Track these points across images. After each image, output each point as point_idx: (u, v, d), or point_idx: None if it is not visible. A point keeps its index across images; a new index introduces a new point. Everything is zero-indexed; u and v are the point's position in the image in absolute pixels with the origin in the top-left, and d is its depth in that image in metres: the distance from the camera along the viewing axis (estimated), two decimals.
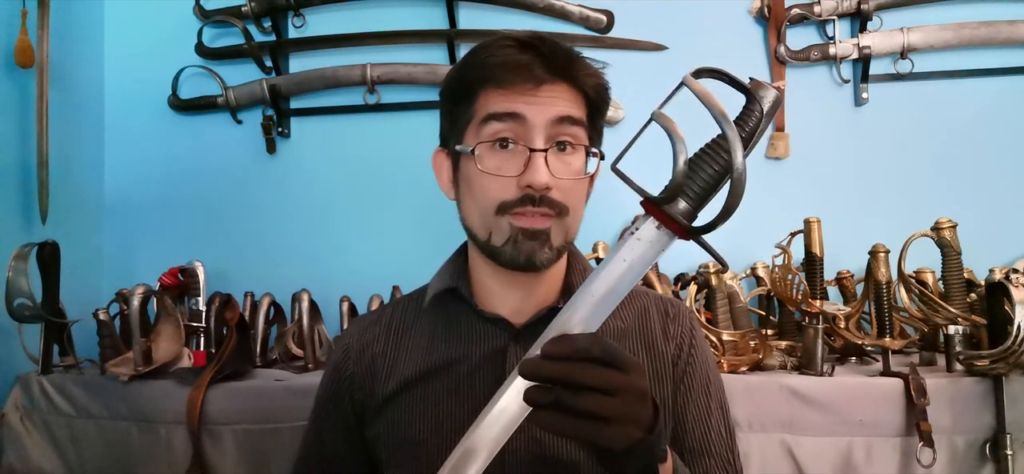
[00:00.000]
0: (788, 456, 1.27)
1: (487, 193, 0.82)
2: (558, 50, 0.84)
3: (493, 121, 0.82)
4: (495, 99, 0.82)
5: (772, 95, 0.70)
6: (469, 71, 0.86)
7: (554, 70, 0.82)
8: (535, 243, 0.82)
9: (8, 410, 1.52)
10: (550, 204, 0.82)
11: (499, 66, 0.82)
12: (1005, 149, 1.78)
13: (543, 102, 0.82)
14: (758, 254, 1.67)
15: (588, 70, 0.86)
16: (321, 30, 1.98)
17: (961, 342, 1.32)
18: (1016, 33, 1.75)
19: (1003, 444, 1.21)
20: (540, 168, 0.80)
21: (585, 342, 0.64)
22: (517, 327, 0.89)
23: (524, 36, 0.84)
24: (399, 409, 0.90)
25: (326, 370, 1.01)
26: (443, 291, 0.92)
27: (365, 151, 1.97)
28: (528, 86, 0.81)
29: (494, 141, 0.82)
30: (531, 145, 0.81)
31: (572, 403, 0.63)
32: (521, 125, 0.81)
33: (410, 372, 0.91)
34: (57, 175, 1.76)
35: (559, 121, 0.82)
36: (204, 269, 1.59)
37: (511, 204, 0.81)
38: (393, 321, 0.97)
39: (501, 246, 0.83)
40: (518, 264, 0.83)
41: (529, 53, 0.82)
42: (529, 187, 0.80)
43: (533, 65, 0.81)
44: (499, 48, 0.84)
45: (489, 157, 0.82)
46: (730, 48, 1.87)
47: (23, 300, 1.49)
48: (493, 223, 0.83)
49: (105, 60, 2.04)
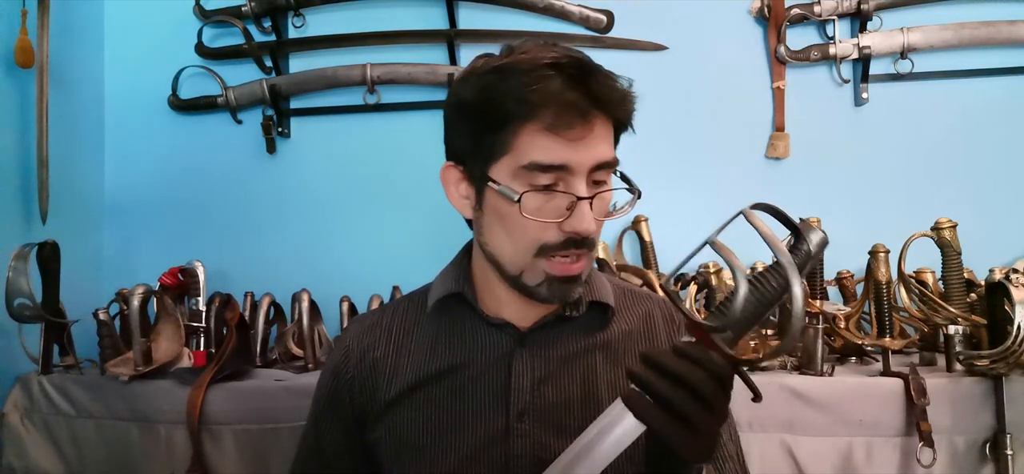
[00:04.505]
0: (788, 456, 1.27)
1: (527, 235, 0.80)
2: (604, 86, 0.79)
3: (537, 170, 0.77)
4: (540, 144, 0.77)
5: (819, 237, 0.71)
6: (507, 100, 0.78)
7: (600, 106, 0.78)
8: (571, 286, 0.83)
9: (8, 410, 1.52)
10: (589, 245, 0.81)
11: (544, 105, 0.76)
12: (1005, 149, 1.78)
13: (587, 146, 0.78)
14: (758, 254, 1.67)
15: (626, 100, 0.82)
16: (321, 30, 1.98)
17: (961, 342, 1.32)
18: (1016, 33, 1.75)
19: (1003, 444, 1.21)
20: (587, 217, 0.78)
21: (715, 358, 0.67)
22: (523, 331, 0.89)
23: (569, 64, 0.78)
24: (401, 413, 0.89)
25: (325, 372, 1.00)
26: (447, 296, 0.91)
27: (365, 151, 1.97)
28: (574, 130, 0.76)
29: (539, 187, 0.78)
30: (576, 191, 0.78)
31: (682, 406, 0.65)
32: (566, 172, 0.78)
33: (413, 377, 0.90)
34: (57, 175, 1.76)
35: (598, 167, 0.80)
36: (204, 269, 1.59)
37: (553, 247, 0.80)
38: (394, 324, 0.95)
39: (534, 287, 0.83)
40: (552, 302, 0.85)
41: (578, 90, 0.77)
42: (575, 234, 0.79)
43: (581, 103, 0.77)
44: (543, 77, 0.76)
45: (532, 200, 0.78)
46: (730, 48, 1.87)
47: (23, 300, 1.49)
48: (528, 264, 0.82)
49: (105, 60, 2.04)
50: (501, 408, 0.86)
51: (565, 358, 0.89)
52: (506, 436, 0.85)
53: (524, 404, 0.86)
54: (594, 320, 0.92)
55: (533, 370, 0.88)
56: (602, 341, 0.91)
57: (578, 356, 0.90)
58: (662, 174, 1.85)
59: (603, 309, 0.92)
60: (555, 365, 0.89)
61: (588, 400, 0.88)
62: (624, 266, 1.71)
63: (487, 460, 0.85)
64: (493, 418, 0.86)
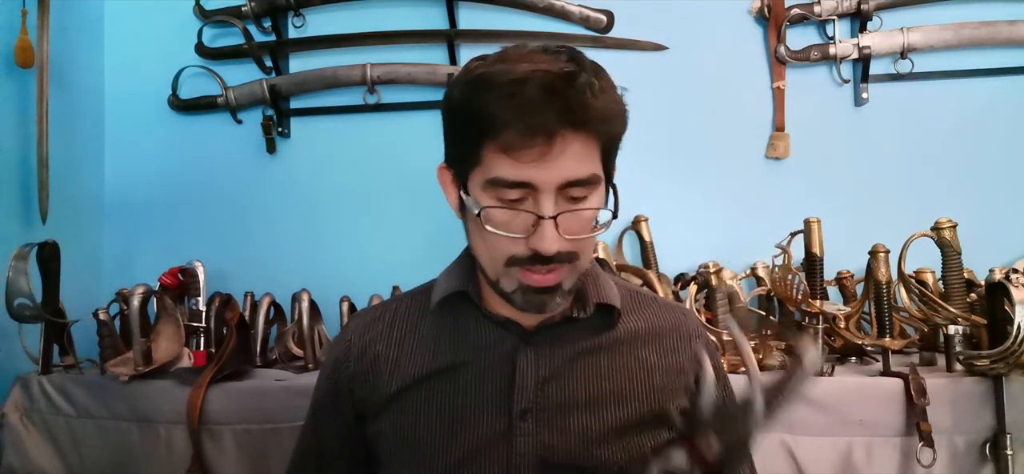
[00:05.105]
0: (788, 456, 1.27)
1: (496, 249, 0.80)
2: (579, 102, 0.74)
3: (504, 187, 0.76)
4: (502, 161, 0.76)
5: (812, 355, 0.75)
6: (474, 115, 0.77)
7: (571, 123, 0.74)
8: (545, 296, 0.82)
9: (8, 410, 1.52)
10: (560, 259, 0.79)
11: (506, 125, 0.74)
12: (1005, 149, 1.78)
13: (552, 165, 0.75)
14: (758, 254, 1.67)
15: (605, 115, 0.77)
16: (321, 30, 1.98)
17: (961, 342, 1.32)
18: (1016, 33, 1.75)
19: (1003, 444, 1.21)
20: (548, 236, 0.76)
21: None
22: (528, 330, 0.89)
23: (542, 78, 0.74)
24: (403, 409, 0.89)
25: (325, 365, 1.00)
26: (451, 293, 0.91)
27: (365, 151, 1.97)
28: (537, 146, 0.74)
29: (501, 201, 0.78)
30: (540, 211, 0.76)
31: None
32: (530, 188, 0.76)
33: (415, 372, 0.90)
34: (57, 175, 1.76)
35: (568, 185, 0.77)
36: (204, 269, 1.59)
37: (520, 260, 0.79)
38: (396, 319, 0.95)
39: (510, 293, 0.82)
40: (527, 311, 0.84)
41: (544, 108, 0.73)
42: (537, 252, 0.78)
43: (546, 122, 0.73)
44: (510, 95, 0.74)
45: (497, 215, 0.78)
46: (730, 48, 1.87)
47: (23, 300, 1.49)
48: (502, 272, 0.81)
49: (105, 60, 2.04)
50: (504, 407, 0.86)
51: (570, 359, 0.89)
52: (509, 435, 0.85)
53: (527, 403, 0.86)
54: (600, 322, 0.91)
55: (537, 369, 0.88)
56: (607, 343, 0.91)
57: (583, 357, 0.90)
58: (662, 174, 1.85)
59: (609, 311, 0.91)
60: (560, 365, 0.89)
61: (592, 402, 0.88)
62: (624, 266, 1.71)
63: (489, 458, 0.85)
64: (496, 416, 0.86)
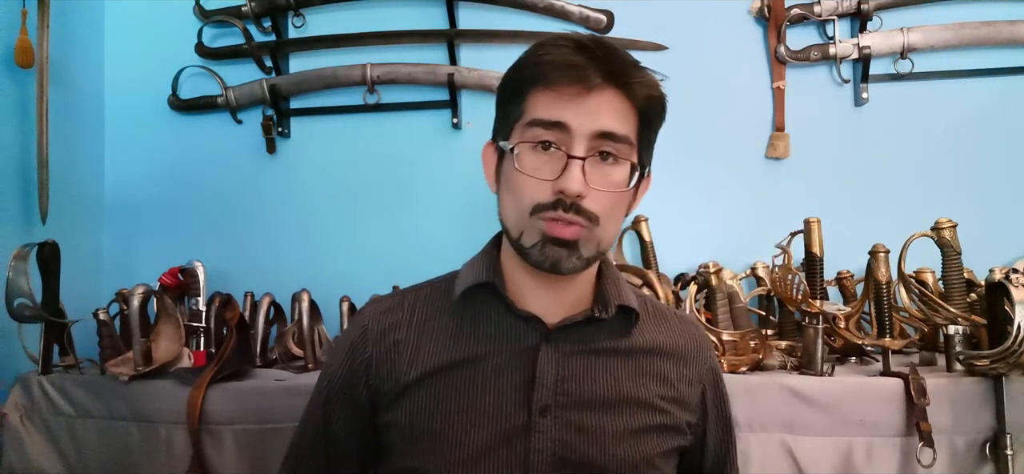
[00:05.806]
0: (788, 456, 1.27)
1: (524, 193, 0.83)
2: (615, 55, 0.83)
3: (537, 126, 0.83)
4: (543, 102, 0.83)
5: None
6: (522, 68, 0.86)
7: (607, 75, 0.82)
8: (563, 251, 0.83)
9: (8, 410, 1.52)
10: (582, 213, 0.82)
11: (550, 65, 0.82)
12: (1005, 149, 1.78)
13: (590, 111, 0.82)
14: (758, 254, 1.67)
15: (644, 80, 0.86)
16: (321, 30, 1.98)
17: (961, 342, 1.32)
18: (1016, 33, 1.75)
19: (1003, 444, 1.21)
20: (575, 176, 0.81)
21: None
22: (550, 327, 0.89)
23: (583, 38, 0.84)
24: (420, 398, 0.89)
25: (336, 351, 0.98)
26: (475, 285, 0.91)
27: (365, 151, 1.96)
28: (576, 90, 0.81)
29: (535, 143, 0.83)
30: (570, 151, 0.81)
31: None
32: (564, 132, 0.82)
33: (434, 362, 0.89)
34: (57, 175, 1.75)
35: (602, 135, 0.82)
36: (204, 269, 1.59)
37: (544, 206, 0.82)
38: (417, 308, 0.95)
39: (529, 247, 0.84)
40: (543, 268, 0.84)
41: (584, 55, 0.82)
42: (562, 193, 0.80)
43: (586, 67, 0.81)
44: (554, 47, 0.83)
45: (529, 158, 0.83)
46: (730, 48, 1.87)
47: (23, 300, 1.49)
48: (526, 223, 0.84)
49: (105, 60, 2.03)
50: (523, 402, 0.86)
51: (591, 359, 0.90)
52: (527, 431, 0.85)
53: (547, 400, 0.86)
54: (621, 325, 0.93)
55: (558, 367, 0.88)
56: (627, 348, 0.92)
57: (603, 358, 0.90)
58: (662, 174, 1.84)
59: (628, 314, 0.93)
60: (580, 364, 0.89)
61: (611, 404, 0.88)
62: (624, 266, 1.71)
63: (506, 454, 0.85)
64: (514, 411, 0.86)
